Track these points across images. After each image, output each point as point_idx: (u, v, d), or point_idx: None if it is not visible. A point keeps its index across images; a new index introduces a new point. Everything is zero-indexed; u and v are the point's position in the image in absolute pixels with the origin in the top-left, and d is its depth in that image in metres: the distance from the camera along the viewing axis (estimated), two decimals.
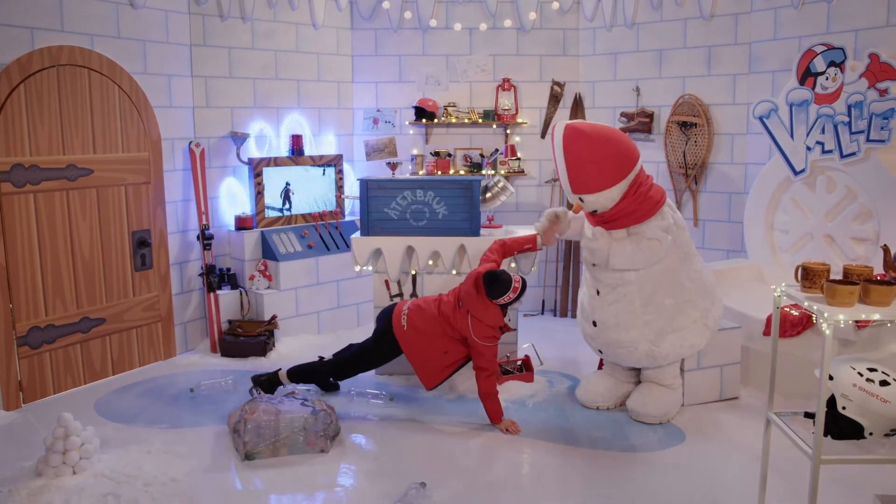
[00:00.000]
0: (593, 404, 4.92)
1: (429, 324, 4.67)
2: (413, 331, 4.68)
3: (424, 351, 4.67)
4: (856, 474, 3.88)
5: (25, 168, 4.93)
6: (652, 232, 4.48)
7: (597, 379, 4.99)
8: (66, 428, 3.95)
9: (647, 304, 4.56)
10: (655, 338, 4.59)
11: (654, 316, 4.57)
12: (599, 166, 4.37)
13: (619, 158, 4.39)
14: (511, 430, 4.53)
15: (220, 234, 6.40)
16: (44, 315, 5.11)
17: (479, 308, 4.54)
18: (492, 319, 4.55)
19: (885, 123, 5.02)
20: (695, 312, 4.63)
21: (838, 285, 2.91)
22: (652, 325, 4.58)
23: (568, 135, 4.37)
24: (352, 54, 7.21)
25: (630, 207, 4.47)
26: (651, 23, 6.75)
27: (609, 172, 4.38)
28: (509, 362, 5.41)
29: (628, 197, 4.46)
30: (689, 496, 3.78)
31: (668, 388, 4.75)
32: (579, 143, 4.36)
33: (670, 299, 4.57)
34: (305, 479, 3.97)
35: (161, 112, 5.84)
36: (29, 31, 4.90)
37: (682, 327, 4.61)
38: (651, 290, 4.55)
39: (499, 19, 7.09)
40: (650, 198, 4.50)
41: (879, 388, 2.96)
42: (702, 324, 4.66)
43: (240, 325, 6.12)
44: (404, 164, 7.15)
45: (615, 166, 4.38)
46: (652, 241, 4.47)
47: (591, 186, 4.43)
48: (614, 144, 4.40)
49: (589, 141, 4.35)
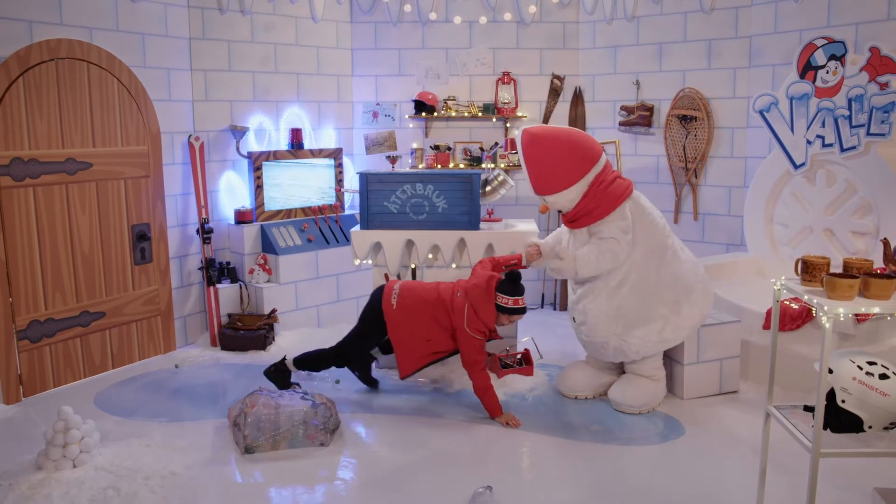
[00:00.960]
0: (572, 394, 4.97)
1: (419, 306, 4.69)
2: (401, 310, 4.71)
3: (409, 333, 4.69)
4: (855, 467, 3.89)
5: (24, 162, 4.92)
6: (610, 231, 4.59)
7: (577, 369, 5.04)
8: (66, 421, 3.95)
9: (611, 297, 4.64)
10: (623, 332, 4.65)
11: (620, 311, 4.64)
12: (555, 169, 4.57)
13: (574, 160, 4.57)
14: (511, 424, 4.53)
15: (219, 227, 6.40)
16: (43, 309, 5.11)
17: (481, 303, 4.57)
18: (487, 317, 4.58)
19: (885, 117, 5.01)
20: (663, 307, 4.65)
21: (838, 279, 2.91)
22: (618, 321, 4.64)
23: (525, 140, 4.63)
24: (351, 48, 7.19)
25: (590, 205, 4.61)
26: (651, 16, 6.73)
27: (565, 174, 4.57)
28: (509, 356, 5.41)
29: (588, 195, 4.61)
30: (689, 489, 3.78)
31: (650, 379, 4.79)
32: (535, 148, 4.61)
33: (634, 294, 4.63)
34: (305, 473, 3.97)
35: (160, 105, 5.83)
36: (27, 24, 4.89)
37: (648, 321, 4.63)
38: (616, 284, 4.63)
39: (498, 13, 7.07)
40: (609, 194, 4.60)
41: (879, 382, 2.96)
42: (673, 318, 4.65)
43: (239, 319, 6.13)
44: (404, 157, 7.14)
45: (571, 168, 4.57)
46: (610, 241, 4.58)
47: (551, 187, 4.64)
48: (569, 147, 4.59)
49: (543, 145, 4.60)
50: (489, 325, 4.61)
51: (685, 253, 4.83)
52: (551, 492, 3.76)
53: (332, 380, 5.29)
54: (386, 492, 3.78)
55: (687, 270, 4.73)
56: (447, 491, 3.78)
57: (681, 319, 4.68)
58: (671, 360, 5.02)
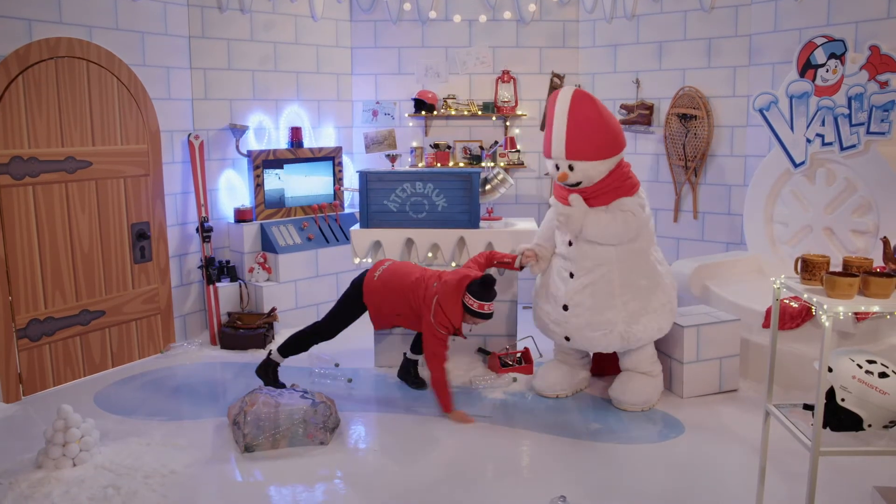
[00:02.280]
0: (552, 393, 4.97)
1: (397, 282, 4.74)
2: (381, 282, 4.77)
3: (381, 300, 4.74)
4: (854, 466, 3.89)
5: (24, 160, 4.92)
6: (629, 206, 4.56)
7: (551, 368, 5.04)
8: (66, 420, 3.95)
9: (625, 284, 4.62)
10: (630, 319, 4.63)
11: (630, 297, 4.63)
12: (602, 135, 4.43)
13: (617, 135, 4.53)
14: (463, 422, 4.55)
15: (219, 226, 6.39)
16: (43, 308, 5.11)
17: (449, 300, 4.54)
18: (453, 315, 4.55)
19: (885, 116, 5.01)
20: (664, 296, 4.72)
21: (838, 277, 2.91)
22: (628, 306, 4.63)
23: (578, 96, 4.41)
24: (351, 46, 7.19)
25: (615, 183, 4.56)
26: (651, 15, 6.73)
27: (607, 144, 4.47)
28: (508, 354, 5.41)
29: (613, 175, 4.56)
30: (689, 488, 3.78)
31: (648, 376, 4.80)
32: (588, 108, 4.41)
33: (645, 280, 4.65)
34: (305, 472, 3.97)
35: (160, 104, 5.82)
36: (27, 22, 4.89)
37: (654, 309, 4.67)
38: (629, 270, 4.63)
39: (498, 11, 7.06)
40: (631, 178, 4.65)
41: (878, 380, 2.96)
42: (669, 308, 4.75)
43: (239, 318, 6.13)
44: (404, 156, 7.13)
45: (613, 141, 4.49)
46: (627, 214, 4.54)
47: (588, 153, 4.44)
48: (614, 122, 4.58)
49: (597, 109, 4.44)
50: (454, 322, 4.57)
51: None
52: (551, 490, 3.76)
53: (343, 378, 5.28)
54: (386, 491, 3.78)
55: (667, 265, 4.89)
56: (447, 490, 3.78)
57: (672, 311, 4.79)
58: (671, 358, 5.02)
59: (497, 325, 5.48)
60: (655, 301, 4.67)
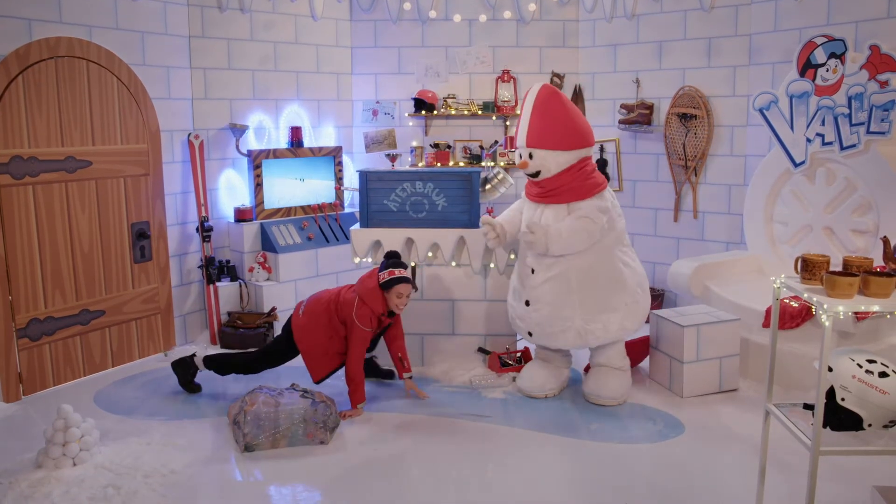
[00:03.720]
0: (540, 393, 4.98)
1: (319, 309, 4.78)
2: (306, 316, 4.80)
3: (311, 335, 4.74)
4: (854, 466, 3.89)
5: (24, 160, 4.92)
6: (587, 210, 4.64)
7: (537, 368, 5.06)
8: (66, 420, 3.96)
9: (582, 281, 4.68)
10: (587, 317, 4.69)
11: (587, 294, 4.68)
12: (562, 127, 4.66)
13: (579, 130, 4.72)
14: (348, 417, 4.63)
15: (219, 225, 6.39)
16: (43, 307, 5.11)
17: (366, 290, 4.68)
18: (374, 302, 4.65)
19: (885, 115, 5.01)
20: (627, 296, 4.75)
21: (838, 277, 2.91)
22: (585, 304, 4.68)
23: (545, 91, 4.72)
24: (351, 46, 7.19)
25: (574, 182, 4.68)
26: (651, 14, 6.73)
27: (567, 137, 4.66)
28: (509, 354, 5.41)
29: (573, 171, 4.69)
30: (689, 487, 3.79)
31: (620, 371, 4.88)
32: (552, 101, 4.69)
33: (604, 279, 4.70)
34: (305, 471, 3.98)
35: (160, 104, 5.82)
36: (27, 22, 4.88)
37: (614, 308, 4.72)
38: (587, 268, 4.68)
39: (498, 11, 7.06)
40: (592, 178, 4.74)
41: (878, 380, 2.96)
42: (634, 308, 4.78)
43: (239, 317, 6.13)
44: (404, 155, 7.14)
45: (574, 134, 4.68)
46: (586, 220, 4.61)
47: (548, 142, 4.66)
48: (579, 118, 4.77)
49: (560, 103, 4.71)
50: (376, 309, 4.66)
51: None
52: (551, 490, 3.76)
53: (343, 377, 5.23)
54: (386, 490, 3.78)
55: (639, 265, 4.93)
56: (447, 489, 3.79)
57: (639, 312, 4.82)
58: (671, 358, 5.02)
59: (497, 325, 5.48)
60: (617, 300, 4.72)
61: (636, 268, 4.89)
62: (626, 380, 4.90)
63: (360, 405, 4.72)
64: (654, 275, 6.95)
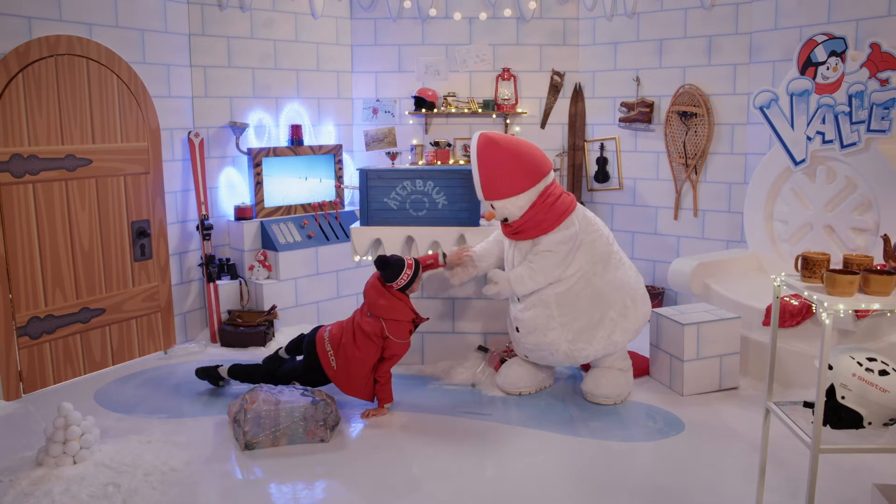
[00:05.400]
0: (515, 390, 5.00)
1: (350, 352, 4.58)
2: (342, 368, 4.60)
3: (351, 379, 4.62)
4: (854, 464, 3.89)
5: (24, 158, 4.92)
6: (546, 245, 4.64)
7: (515, 366, 5.07)
8: (67, 418, 3.96)
9: (561, 306, 4.70)
10: (574, 338, 4.73)
11: (569, 318, 4.71)
12: (509, 174, 4.60)
13: (527, 169, 4.61)
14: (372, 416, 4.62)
15: (219, 224, 6.39)
16: (43, 305, 5.11)
17: (388, 309, 4.56)
18: (404, 314, 4.59)
19: (885, 113, 5.01)
20: (612, 312, 4.74)
21: (838, 275, 2.91)
22: (568, 327, 4.72)
23: (482, 143, 4.63)
24: (351, 44, 7.19)
25: (538, 216, 4.64)
26: (651, 12, 6.72)
27: (517, 181, 4.59)
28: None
29: (536, 206, 4.64)
30: (689, 486, 3.79)
31: (620, 371, 4.88)
32: (491, 152, 4.61)
33: (584, 300, 4.70)
34: (305, 469, 3.98)
35: (160, 102, 5.82)
36: (27, 20, 4.88)
37: (598, 325, 4.72)
38: (564, 291, 4.69)
39: (498, 9, 7.06)
40: (556, 208, 4.66)
41: (878, 378, 2.96)
42: (622, 322, 4.76)
43: (239, 316, 6.13)
44: (404, 153, 7.14)
45: (523, 176, 4.59)
46: (546, 254, 4.63)
47: (501, 193, 4.62)
48: (524, 156, 4.64)
49: (500, 150, 4.61)
50: (408, 316, 4.61)
51: (626, 259, 4.96)
52: (551, 487, 3.76)
53: None
54: (386, 489, 3.79)
55: (630, 276, 4.87)
56: (448, 488, 3.79)
57: (628, 323, 4.79)
58: (671, 356, 5.02)
59: (497, 323, 5.49)
60: (600, 316, 4.72)
61: (626, 279, 4.82)
62: (627, 380, 4.89)
63: (388, 405, 4.70)
64: (655, 273, 6.95)
